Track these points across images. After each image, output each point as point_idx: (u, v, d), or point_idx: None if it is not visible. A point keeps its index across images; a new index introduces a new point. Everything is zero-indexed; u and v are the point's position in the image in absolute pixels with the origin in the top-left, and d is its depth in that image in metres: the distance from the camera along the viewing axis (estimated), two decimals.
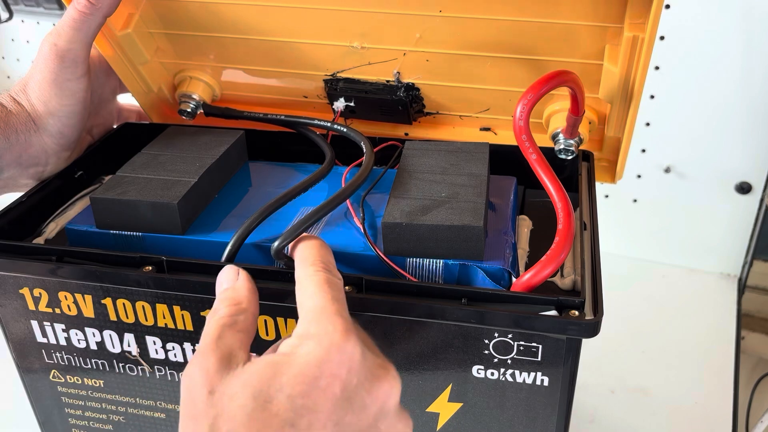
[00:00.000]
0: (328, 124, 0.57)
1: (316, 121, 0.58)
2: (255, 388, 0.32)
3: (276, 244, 0.43)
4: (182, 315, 0.44)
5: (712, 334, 0.76)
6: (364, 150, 0.52)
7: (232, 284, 0.39)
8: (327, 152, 0.54)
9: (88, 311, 0.46)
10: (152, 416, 0.50)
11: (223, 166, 0.53)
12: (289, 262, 0.43)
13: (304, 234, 0.42)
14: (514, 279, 0.43)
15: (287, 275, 0.42)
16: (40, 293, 0.46)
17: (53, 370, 0.50)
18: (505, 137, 0.59)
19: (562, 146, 0.53)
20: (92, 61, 0.55)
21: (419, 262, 0.44)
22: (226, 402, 0.32)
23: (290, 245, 0.41)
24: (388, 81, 0.57)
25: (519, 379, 0.42)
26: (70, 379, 0.50)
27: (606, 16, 0.47)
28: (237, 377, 0.33)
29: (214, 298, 0.43)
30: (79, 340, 0.48)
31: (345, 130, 0.56)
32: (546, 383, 0.42)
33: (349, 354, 0.33)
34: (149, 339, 0.46)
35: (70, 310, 0.46)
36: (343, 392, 0.32)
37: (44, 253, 0.45)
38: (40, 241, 0.51)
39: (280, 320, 0.43)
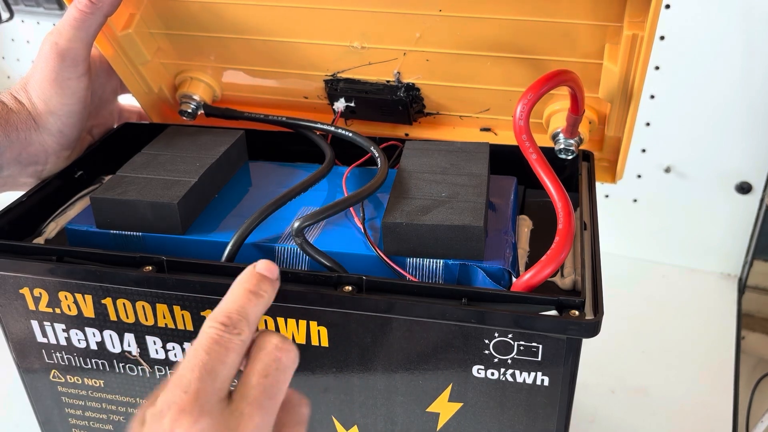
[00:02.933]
0: (332, 128, 0.57)
1: (319, 125, 0.58)
2: None
3: (298, 224, 0.44)
4: (182, 315, 0.44)
5: (712, 334, 0.76)
6: (377, 155, 0.52)
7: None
8: (327, 152, 0.54)
9: (88, 311, 0.46)
10: None
11: (223, 166, 0.53)
12: (305, 243, 0.44)
13: (250, 270, 0.39)
14: (514, 279, 0.43)
15: (287, 276, 0.42)
16: (40, 293, 0.46)
17: (53, 370, 0.50)
18: (506, 137, 0.59)
19: (562, 146, 0.53)
20: (93, 61, 0.55)
21: (419, 262, 0.44)
22: None
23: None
24: (388, 81, 0.57)
25: (519, 379, 0.42)
26: (70, 379, 0.50)
27: (605, 15, 0.47)
28: None
29: (214, 298, 0.43)
30: (79, 340, 0.48)
31: (350, 135, 0.55)
32: (546, 383, 0.42)
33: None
34: (149, 339, 0.46)
35: (70, 310, 0.46)
36: None
37: (44, 253, 0.45)
38: (40, 241, 0.51)
39: (281, 320, 0.43)
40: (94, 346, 0.48)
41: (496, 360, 0.41)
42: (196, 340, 0.36)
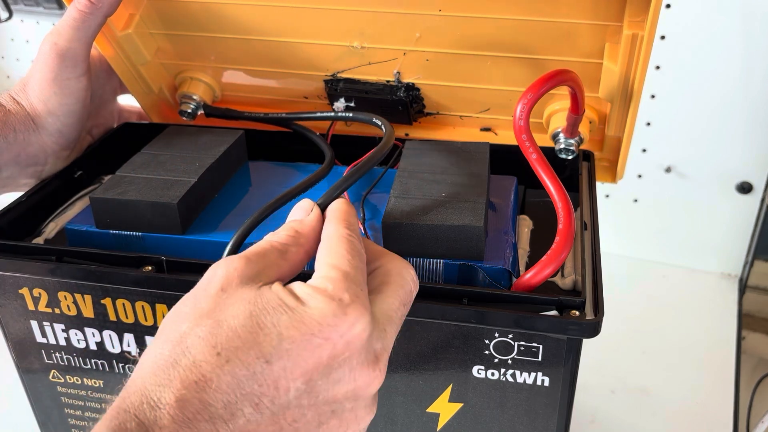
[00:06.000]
0: (332, 114, 0.57)
1: (318, 114, 0.57)
2: (256, 308, 0.32)
3: (321, 200, 0.42)
4: None
5: (712, 335, 0.75)
6: (382, 126, 0.51)
7: (302, 217, 0.38)
8: (327, 152, 0.54)
9: (88, 311, 0.46)
10: None
11: (223, 166, 0.53)
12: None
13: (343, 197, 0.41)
14: (514, 279, 0.43)
15: None
16: (39, 293, 0.46)
17: (53, 371, 0.50)
18: (506, 137, 0.59)
19: (562, 146, 0.53)
20: (93, 61, 0.55)
21: (419, 262, 0.44)
22: (227, 306, 0.32)
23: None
24: (388, 81, 0.57)
25: (519, 380, 0.42)
26: (70, 380, 0.50)
27: (605, 15, 0.47)
28: (250, 290, 0.33)
29: None
30: (78, 340, 0.47)
31: (351, 115, 0.55)
32: (546, 383, 0.42)
33: (355, 330, 0.33)
34: (149, 339, 0.46)
35: (69, 310, 0.46)
36: (330, 359, 0.32)
37: (44, 253, 0.45)
38: (39, 241, 0.51)
39: None
40: (93, 347, 0.48)
41: (496, 360, 0.41)
42: (335, 238, 0.36)
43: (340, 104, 0.59)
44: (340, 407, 0.33)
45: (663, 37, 0.73)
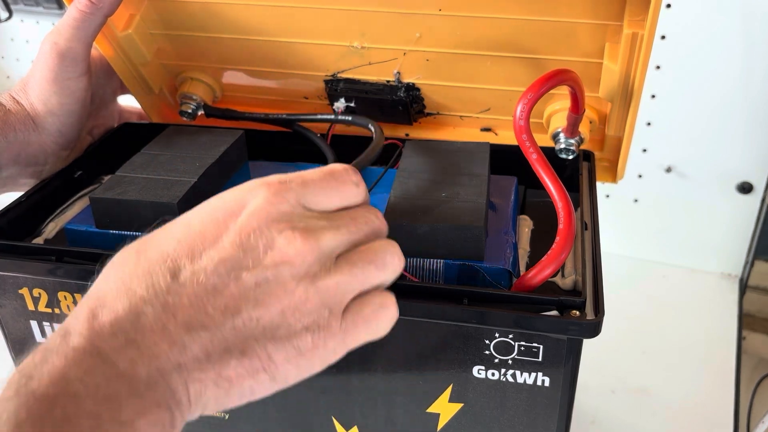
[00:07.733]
0: (332, 117, 0.57)
1: (319, 116, 0.58)
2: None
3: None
4: None
5: (713, 335, 0.75)
6: (373, 131, 0.52)
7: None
8: (328, 153, 0.54)
9: None
10: None
11: (223, 166, 0.53)
12: None
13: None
14: (514, 279, 0.43)
15: None
16: (39, 293, 0.46)
17: None
18: (506, 137, 0.59)
19: (562, 146, 0.53)
20: (93, 61, 0.55)
21: (419, 262, 0.44)
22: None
23: None
24: (388, 81, 0.57)
25: (520, 380, 0.42)
26: None
27: (606, 14, 0.47)
28: None
29: None
30: None
31: (350, 119, 0.56)
32: (547, 383, 0.41)
33: (257, 193, 0.35)
34: None
35: (69, 310, 0.46)
36: (227, 216, 0.36)
37: (44, 253, 0.45)
38: (39, 241, 0.51)
39: None
40: None
41: (496, 360, 0.41)
42: None
43: (341, 104, 0.59)
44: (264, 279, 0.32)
45: (663, 37, 0.73)
